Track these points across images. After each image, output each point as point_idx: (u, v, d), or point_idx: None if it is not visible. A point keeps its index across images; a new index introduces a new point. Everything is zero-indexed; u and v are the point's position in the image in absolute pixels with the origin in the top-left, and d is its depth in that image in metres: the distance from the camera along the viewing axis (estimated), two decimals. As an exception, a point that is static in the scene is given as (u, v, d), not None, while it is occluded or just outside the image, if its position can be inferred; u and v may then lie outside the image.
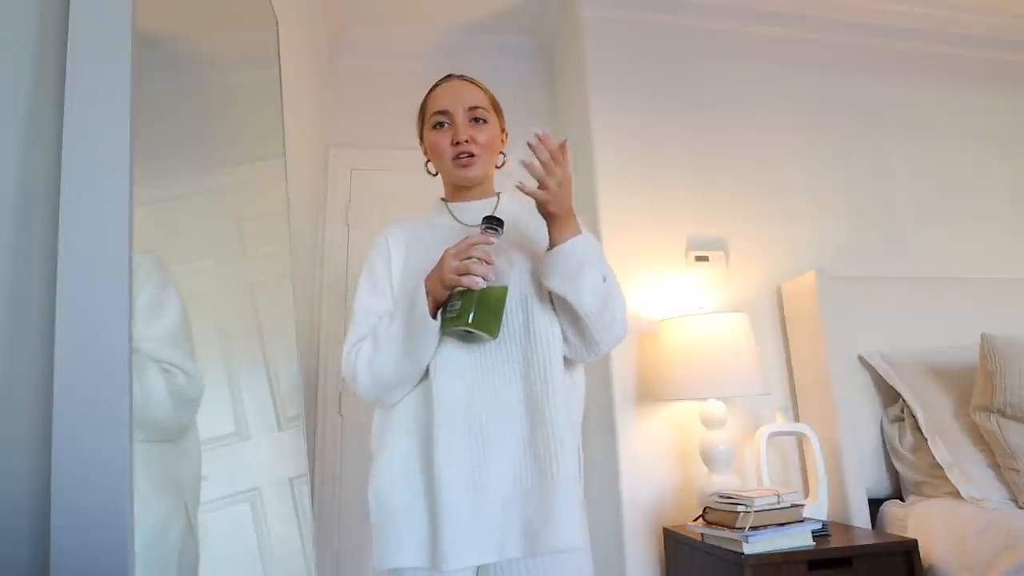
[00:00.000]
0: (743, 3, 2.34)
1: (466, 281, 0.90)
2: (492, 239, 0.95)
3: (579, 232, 0.98)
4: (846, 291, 1.99)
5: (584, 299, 0.95)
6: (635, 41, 2.27)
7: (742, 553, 1.37)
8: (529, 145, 0.92)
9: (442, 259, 0.95)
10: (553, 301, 1.01)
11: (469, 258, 0.91)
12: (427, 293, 0.94)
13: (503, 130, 1.16)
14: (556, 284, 0.96)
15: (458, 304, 0.92)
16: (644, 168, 2.13)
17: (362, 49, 2.55)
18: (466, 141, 1.06)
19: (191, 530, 0.82)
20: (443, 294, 0.94)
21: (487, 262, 0.92)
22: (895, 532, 1.68)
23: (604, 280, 0.98)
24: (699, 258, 2.05)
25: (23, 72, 0.71)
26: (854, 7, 2.43)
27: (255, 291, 1.27)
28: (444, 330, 0.95)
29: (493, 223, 0.96)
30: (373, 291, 1.07)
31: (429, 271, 0.98)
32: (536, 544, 0.90)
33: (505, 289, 0.95)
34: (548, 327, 0.99)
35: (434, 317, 0.94)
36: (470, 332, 0.93)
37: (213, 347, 1.04)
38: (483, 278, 0.91)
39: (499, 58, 2.64)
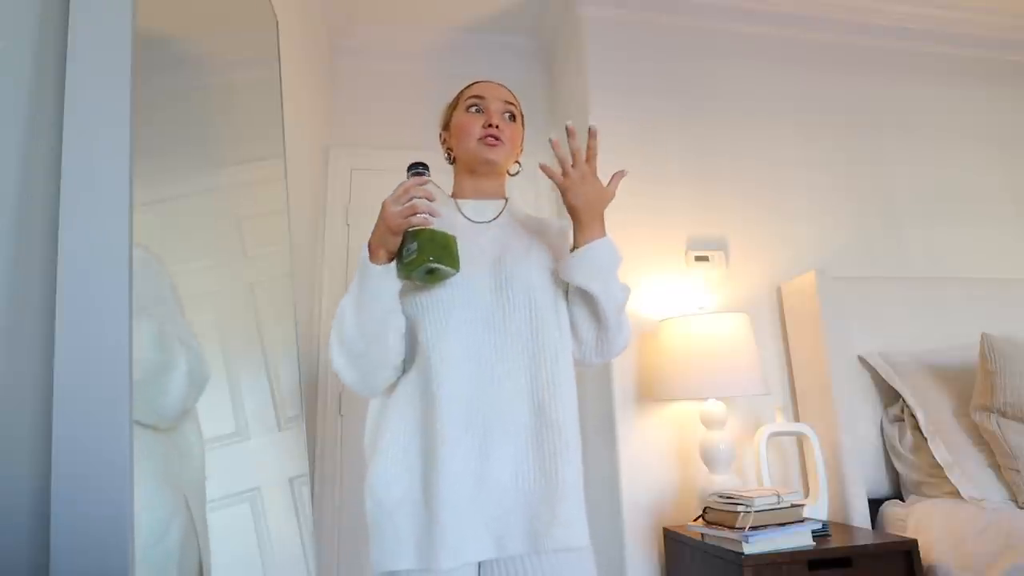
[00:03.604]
0: (743, 3, 2.34)
1: (416, 219, 0.90)
2: (426, 178, 0.95)
3: (605, 235, 1.00)
4: (846, 291, 1.99)
5: (613, 298, 0.99)
6: (635, 41, 2.27)
7: (742, 553, 1.37)
8: (566, 128, 0.97)
9: (382, 209, 0.94)
10: (573, 299, 1.02)
11: (412, 199, 0.91)
12: (369, 249, 0.94)
13: (521, 140, 1.18)
14: (585, 281, 0.98)
15: (413, 246, 0.91)
16: (644, 168, 2.13)
17: (362, 49, 2.54)
18: (497, 126, 1.08)
19: (194, 529, 0.82)
20: (394, 242, 0.93)
21: (429, 199, 0.92)
22: (895, 532, 1.68)
23: (621, 291, 1.02)
24: (699, 258, 2.05)
25: (23, 72, 0.71)
26: (855, 7, 2.43)
27: (255, 291, 1.27)
28: (407, 277, 0.94)
29: (419, 168, 0.96)
30: None
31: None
32: (539, 543, 0.90)
33: (454, 237, 0.95)
34: (555, 326, 0.99)
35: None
36: (433, 271, 0.92)
37: (213, 347, 1.04)
38: (431, 214, 0.91)
39: (500, 58, 2.64)
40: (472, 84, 1.16)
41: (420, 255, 0.90)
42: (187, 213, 0.99)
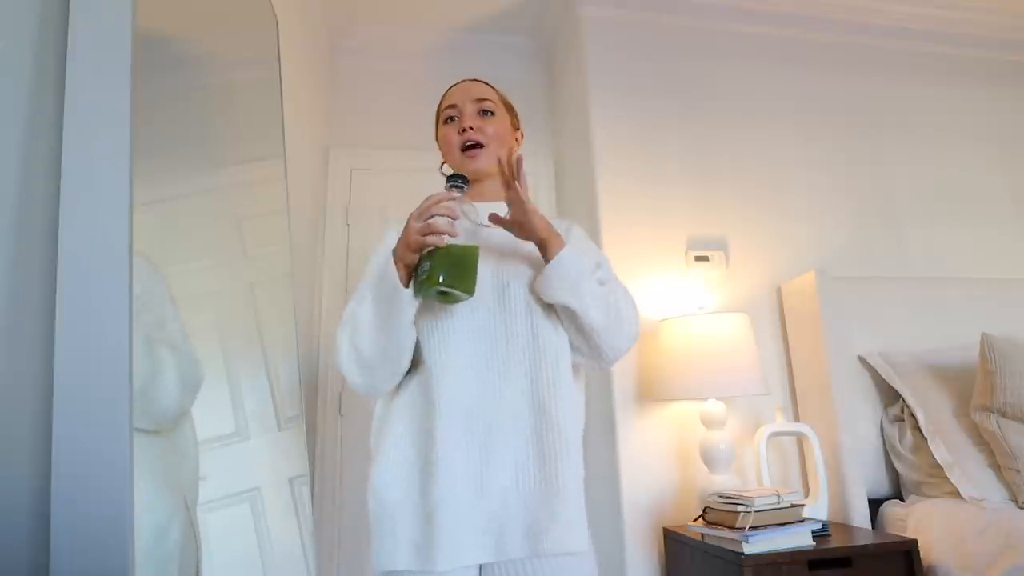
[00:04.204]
0: (743, 3, 2.34)
1: (431, 239, 0.88)
2: (455, 194, 0.93)
3: (563, 245, 0.97)
4: (846, 291, 1.99)
5: (589, 309, 0.96)
6: (635, 41, 2.27)
7: (742, 553, 1.37)
8: (518, 158, 0.94)
9: (407, 223, 0.92)
10: (561, 316, 1.00)
11: (432, 216, 0.89)
12: (396, 261, 0.92)
13: (517, 128, 1.17)
14: (560, 297, 0.96)
15: (427, 265, 0.89)
16: (644, 168, 2.13)
17: (362, 49, 2.55)
18: (471, 128, 1.07)
19: (192, 529, 0.82)
20: (412, 258, 0.91)
21: (451, 217, 0.90)
22: (895, 532, 1.68)
23: (602, 284, 0.99)
24: (699, 258, 2.05)
25: (23, 72, 0.71)
26: (854, 7, 2.43)
27: (255, 291, 1.27)
28: (420, 296, 0.92)
29: (457, 180, 0.94)
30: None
31: None
32: (539, 546, 0.89)
33: (476, 248, 0.92)
34: (555, 330, 0.99)
35: (407, 284, 0.92)
36: (445, 293, 0.90)
37: (213, 347, 1.04)
38: (449, 234, 0.88)
39: (500, 58, 2.64)
40: (446, 93, 1.16)
41: (431, 277, 0.88)
42: (187, 213, 0.99)
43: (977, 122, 2.51)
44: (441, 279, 0.87)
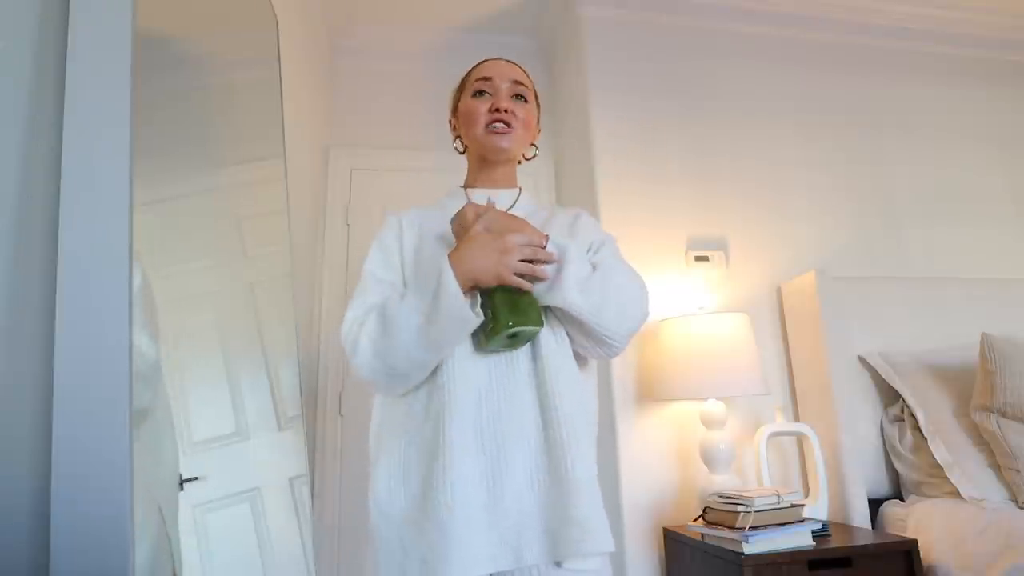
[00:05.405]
0: (743, 3, 2.34)
1: (523, 282, 0.83)
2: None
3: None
4: (846, 291, 1.99)
5: (573, 301, 0.90)
6: (635, 41, 2.27)
7: (742, 553, 1.37)
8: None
9: (503, 243, 0.85)
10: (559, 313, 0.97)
11: (532, 259, 0.83)
12: (459, 277, 0.85)
13: (537, 123, 1.13)
14: (541, 296, 0.91)
15: (489, 311, 0.84)
16: (644, 168, 2.13)
17: (362, 49, 2.55)
18: (506, 110, 1.02)
19: (167, 539, 0.79)
20: (490, 281, 0.85)
21: (549, 262, 0.85)
22: (895, 532, 1.68)
23: (593, 268, 0.93)
24: (699, 258, 2.05)
25: (23, 72, 0.71)
26: (855, 7, 2.43)
27: (255, 291, 1.27)
28: (490, 344, 0.88)
29: None
30: (385, 263, 1.00)
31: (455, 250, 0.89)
32: (556, 545, 0.85)
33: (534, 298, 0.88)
34: (557, 324, 0.95)
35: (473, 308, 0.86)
36: (514, 335, 0.86)
37: (213, 347, 1.04)
38: (541, 280, 0.83)
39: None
40: (478, 64, 1.11)
41: (500, 320, 0.83)
42: (187, 213, 0.99)
43: (977, 122, 2.51)
44: (511, 324, 0.83)
